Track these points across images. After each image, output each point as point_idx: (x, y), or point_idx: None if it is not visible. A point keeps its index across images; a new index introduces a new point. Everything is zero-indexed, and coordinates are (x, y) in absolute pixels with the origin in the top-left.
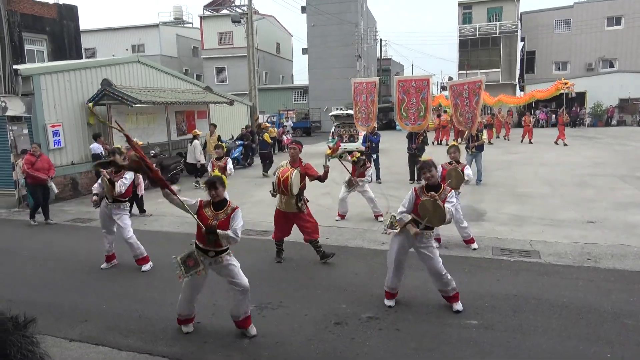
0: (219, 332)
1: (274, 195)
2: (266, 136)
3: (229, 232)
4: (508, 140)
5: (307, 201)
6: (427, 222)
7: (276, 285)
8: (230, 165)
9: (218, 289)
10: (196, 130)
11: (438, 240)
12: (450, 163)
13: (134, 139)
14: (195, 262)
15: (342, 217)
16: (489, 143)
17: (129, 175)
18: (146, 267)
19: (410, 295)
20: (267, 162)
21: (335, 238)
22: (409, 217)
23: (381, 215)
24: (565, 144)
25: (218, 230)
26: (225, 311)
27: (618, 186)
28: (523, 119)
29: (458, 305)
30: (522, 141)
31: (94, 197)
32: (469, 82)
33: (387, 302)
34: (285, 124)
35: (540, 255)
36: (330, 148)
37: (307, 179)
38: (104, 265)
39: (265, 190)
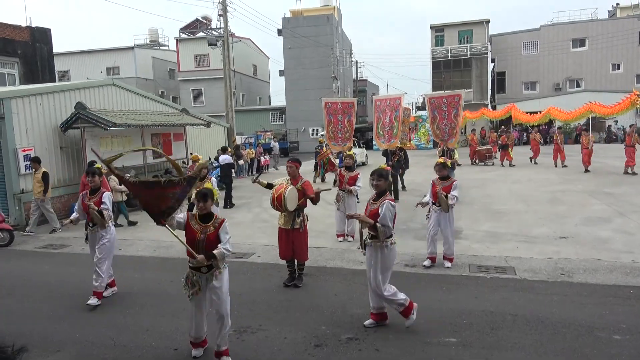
0: None
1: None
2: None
3: (221, 250)
4: (565, 166)
5: (307, 220)
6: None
7: (255, 308)
8: (215, 185)
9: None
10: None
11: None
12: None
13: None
14: (192, 283)
15: (342, 236)
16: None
17: (107, 199)
18: (93, 301)
19: (390, 314)
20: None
21: (314, 259)
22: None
23: (353, 237)
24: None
25: (214, 252)
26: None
27: (588, 202)
28: (554, 137)
29: (412, 316)
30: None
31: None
32: (447, 95)
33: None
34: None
35: (515, 271)
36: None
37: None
38: (106, 293)
39: (244, 212)
